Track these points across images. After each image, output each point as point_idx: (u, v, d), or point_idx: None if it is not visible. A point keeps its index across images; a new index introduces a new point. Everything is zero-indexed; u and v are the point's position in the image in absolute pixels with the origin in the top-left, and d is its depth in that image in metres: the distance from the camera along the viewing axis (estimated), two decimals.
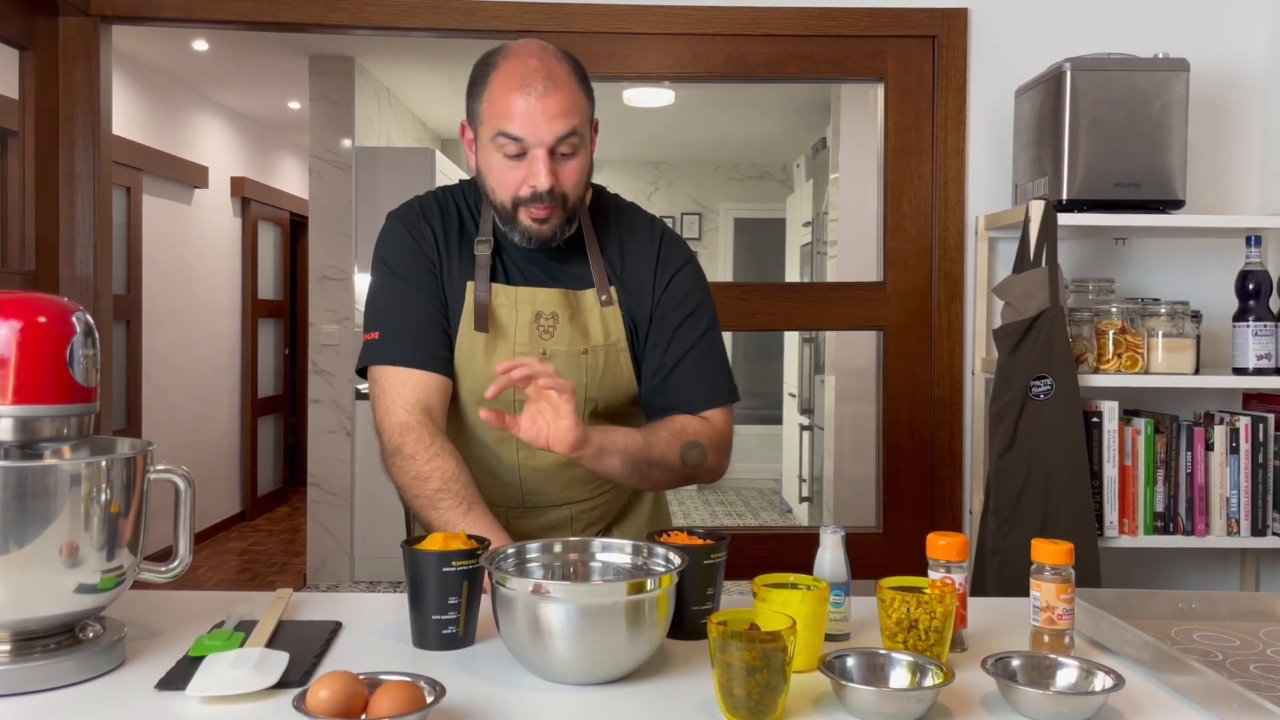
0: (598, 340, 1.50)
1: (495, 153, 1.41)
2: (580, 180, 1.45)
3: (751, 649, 0.96)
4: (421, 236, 1.51)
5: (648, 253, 1.55)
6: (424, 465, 1.40)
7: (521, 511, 1.54)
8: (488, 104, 1.41)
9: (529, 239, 1.45)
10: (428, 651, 1.18)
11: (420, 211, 1.54)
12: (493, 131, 1.40)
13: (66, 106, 2.63)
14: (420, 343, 1.46)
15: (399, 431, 1.43)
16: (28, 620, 1.04)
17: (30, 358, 1.05)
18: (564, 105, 1.38)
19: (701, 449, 1.48)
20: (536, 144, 1.38)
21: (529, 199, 1.41)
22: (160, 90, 5.38)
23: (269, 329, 6.88)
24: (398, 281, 1.49)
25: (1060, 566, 1.14)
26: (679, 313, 1.53)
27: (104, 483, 1.06)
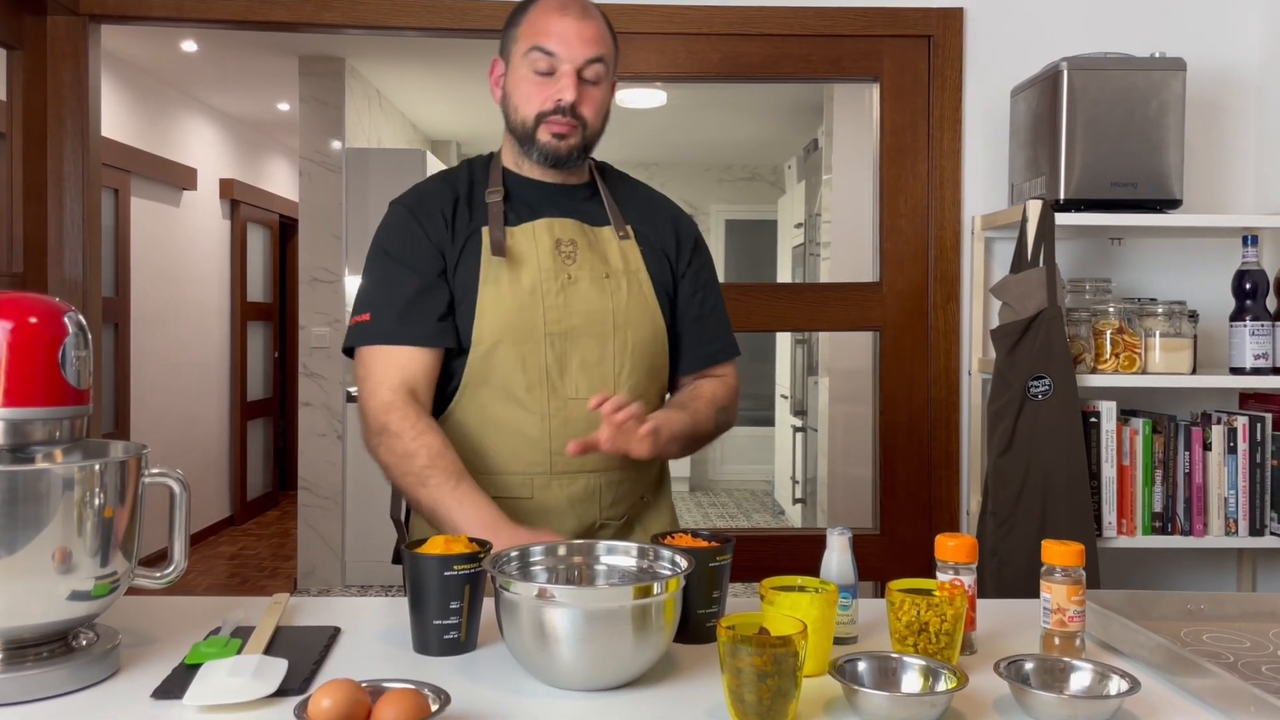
0: (619, 267, 1.55)
1: (526, 70, 1.49)
2: (599, 110, 1.52)
3: (762, 654, 0.94)
4: (426, 214, 1.53)
5: (664, 213, 1.66)
6: (410, 443, 1.42)
7: (549, 479, 1.50)
8: (525, 26, 1.51)
9: (546, 156, 1.51)
10: (429, 657, 1.15)
11: (426, 191, 1.58)
12: (527, 47, 1.49)
13: (55, 107, 2.60)
14: (409, 318, 1.48)
15: (384, 410, 1.46)
16: (20, 628, 1.02)
17: (21, 359, 1.03)
18: (597, 34, 1.50)
19: (726, 411, 1.62)
20: (568, 59, 1.47)
21: (552, 111, 1.48)
22: (148, 91, 5.34)
23: (258, 332, 6.84)
24: (391, 263, 1.52)
25: (1071, 568, 1.13)
26: (702, 276, 1.66)
27: (97, 487, 1.04)
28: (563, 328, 1.49)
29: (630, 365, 1.53)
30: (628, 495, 1.57)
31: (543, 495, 1.50)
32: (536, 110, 1.49)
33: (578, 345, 1.50)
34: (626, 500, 1.57)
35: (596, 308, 1.51)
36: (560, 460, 1.49)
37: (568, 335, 1.49)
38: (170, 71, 5.30)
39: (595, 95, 1.51)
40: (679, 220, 1.68)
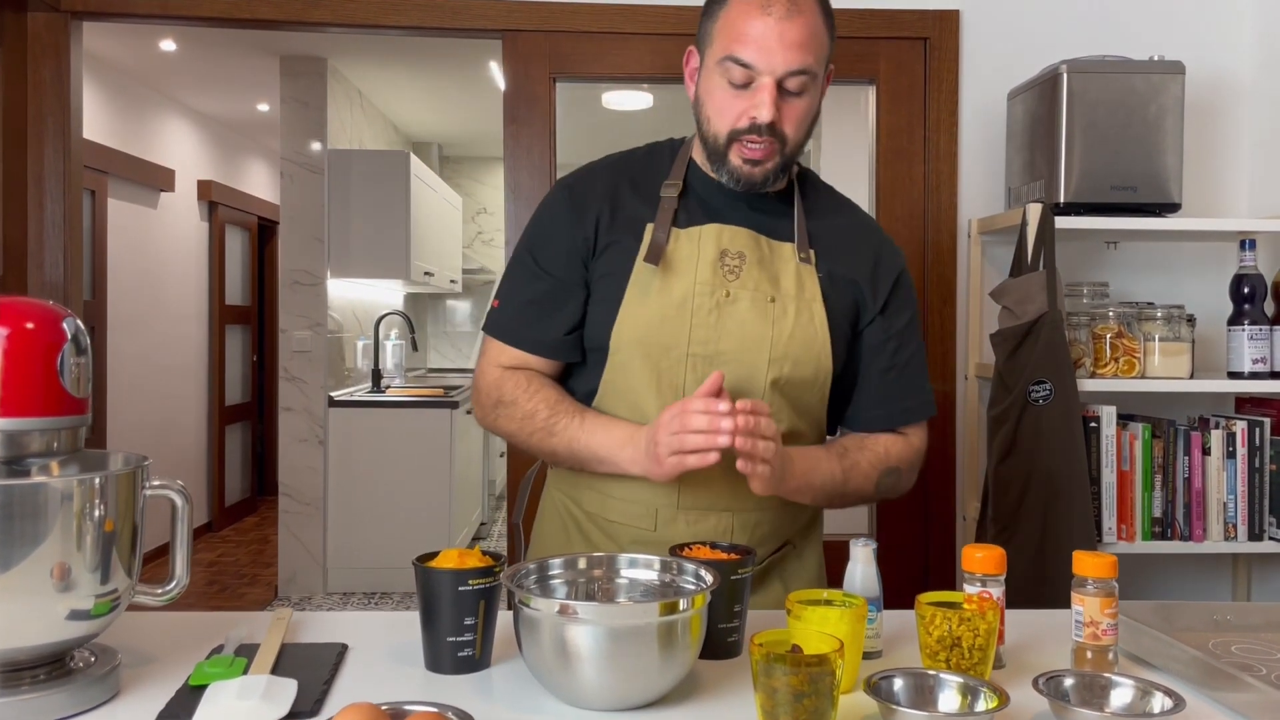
0: (789, 291, 1.37)
1: (720, 78, 1.31)
2: (803, 124, 1.34)
3: (798, 673, 0.90)
4: (582, 204, 1.41)
5: (866, 241, 1.45)
6: (526, 404, 1.38)
7: (675, 513, 1.37)
8: (723, 22, 1.31)
9: (737, 181, 1.35)
10: (442, 675, 1.11)
11: (594, 173, 1.45)
12: (721, 54, 1.30)
13: (35, 106, 2.53)
14: (531, 323, 1.41)
15: (495, 385, 1.42)
16: (16, 650, 0.97)
17: (18, 367, 0.98)
18: (803, 35, 1.28)
19: (897, 474, 1.43)
20: (767, 71, 1.28)
21: (746, 130, 1.31)
22: (126, 91, 5.25)
23: (236, 335, 6.75)
24: (528, 256, 1.43)
25: (1104, 580, 1.10)
26: (900, 319, 1.45)
27: (97, 501, 0.99)
28: (709, 350, 1.34)
29: (780, 403, 1.37)
30: (768, 539, 1.42)
31: (666, 529, 1.38)
32: (729, 127, 1.32)
33: (725, 371, 1.31)
34: (767, 544, 1.42)
35: (752, 333, 1.34)
36: (689, 495, 1.37)
37: (714, 359, 1.34)
38: (148, 71, 5.22)
39: (798, 108, 1.32)
40: (883, 252, 1.45)
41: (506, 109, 2.72)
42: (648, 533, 1.38)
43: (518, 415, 1.39)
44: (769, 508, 1.40)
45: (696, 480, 1.35)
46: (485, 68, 5.09)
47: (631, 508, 1.39)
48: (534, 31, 2.68)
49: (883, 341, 1.43)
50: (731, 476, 1.30)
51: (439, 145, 7.14)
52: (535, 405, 1.38)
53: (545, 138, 2.71)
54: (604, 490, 1.41)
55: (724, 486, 1.36)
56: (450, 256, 6.45)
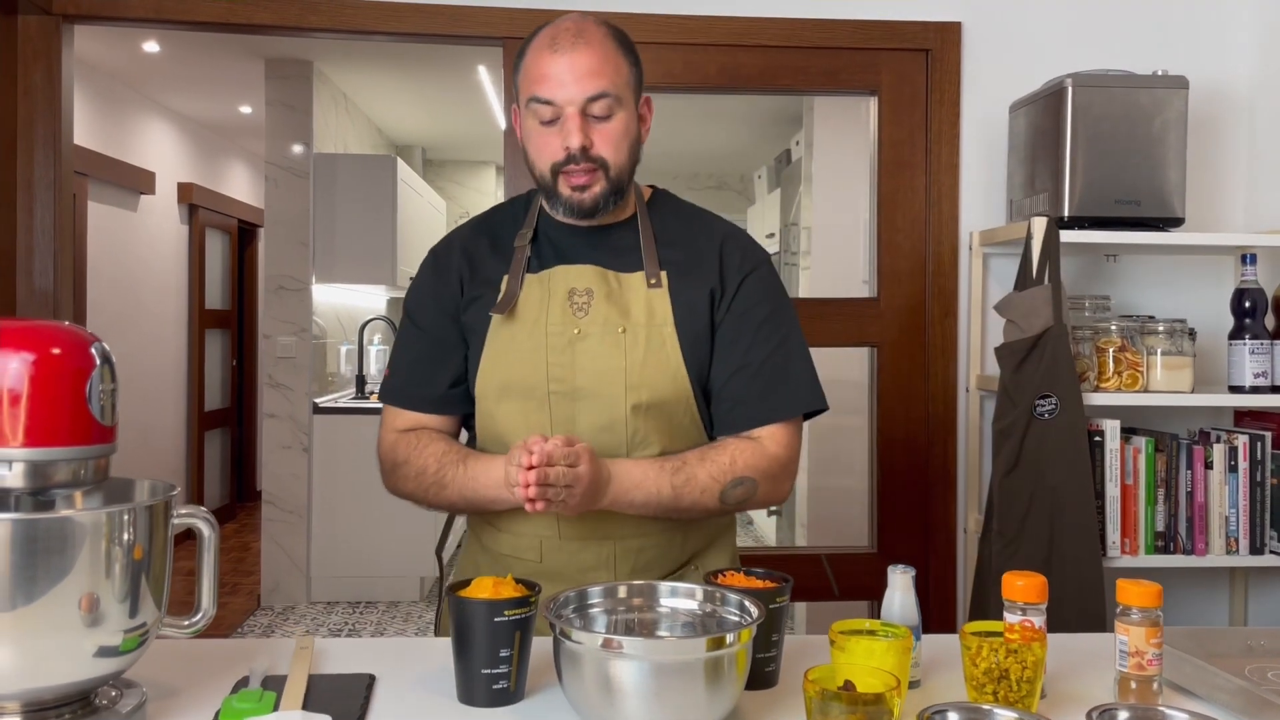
0: (639, 319, 1.40)
1: (533, 121, 1.38)
2: (620, 144, 1.38)
3: (855, 711, 0.89)
4: (445, 268, 1.48)
5: (712, 246, 1.48)
6: (417, 460, 1.42)
7: (558, 543, 1.42)
8: (523, 73, 1.39)
9: (572, 210, 1.40)
10: (476, 709, 1.08)
11: (453, 237, 1.53)
12: (527, 97, 1.37)
13: (25, 110, 2.47)
14: (417, 383, 1.47)
15: (391, 448, 1.46)
16: (41, 690, 0.94)
17: (44, 394, 0.94)
18: (593, 63, 1.34)
19: (749, 484, 1.38)
20: (566, 102, 1.34)
21: (564, 162, 1.36)
22: (106, 92, 5.17)
23: (216, 340, 6.67)
24: (408, 321, 1.51)
25: (1149, 609, 1.09)
26: (753, 316, 1.44)
27: (127, 533, 0.96)
28: (566, 387, 1.38)
29: (646, 429, 1.39)
30: (657, 562, 1.44)
31: (551, 559, 1.42)
32: (550, 162, 1.38)
33: (586, 406, 1.38)
34: (656, 568, 1.44)
35: (605, 366, 1.38)
36: (568, 526, 1.40)
37: (574, 395, 1.38)
38: (129, 72, 5.14)
39: (609, 130, 1.36)
40: (729, 253, 1.47)
41: (507, 117, 2.69)
42: (535, 564, 1.43)
43: (411, 474, 1.42)
44: (649, 533, 1.42)
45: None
46: (472, 72, 5.05)
47: (519, 540, 1.44)
48: None
49: (732, 340, 1.43)
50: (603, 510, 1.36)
51: (422, 149, 7.08)
52: (425, 461, 1.41)
53: None
54: (495, 524, 1.48)
55: (598, 517, 1.38)
56: None
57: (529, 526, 1.43)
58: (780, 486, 1.44)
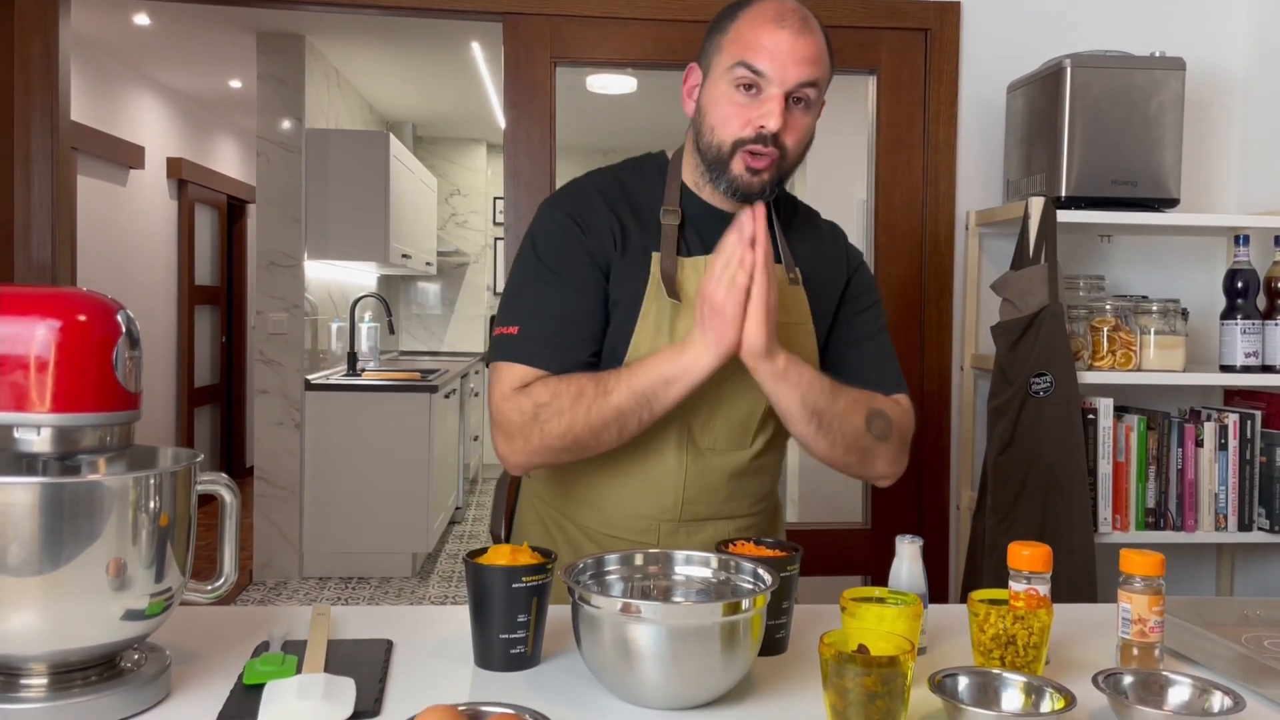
0: (784, 317, 1.37)
1: (728, 86, 1.32)
2: (803, 141, 1.35)
3: (870, 674, 0.91)
4: (590, 226, 1.38)
5: (833, 246, 1.50)
6: (569, 389, 1.30)
7: (676, 526, 1.41)
8: (734, 34, 1.32)
9: (735, 191, 1.34)
10: (493, 672, 1.10)
11: (590, 192, 1.42)
12: (733, 60, 1.31)
13: (23, 83, 2.46)
14: (561, 344, 1.35)
15: (524, 398, 1.32)
16: (68, 651, 0.95)
17: (71, 361, 0.95)
18: (813, 52, 1.31)
19: (886, 420, 1.37)
20: (778, 82, 1.29)
21: (752, 139, 1.31)
22: (95, 65, 5.12)
23: (205, 316, 6.65)
24: (547, 274, 1.37)
25: (1152, 578, 1.12)
26: (862, 302, 1.49)
27: (153, 499, 0.97)
28: (714, 377, 1.32)
29: (777, 426, 1.40)
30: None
31: (667, 541, 1.41)
32: (735, 136, 1.32)
33: (725, 396, 1.37)
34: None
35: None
36: (690, 508, 1.40)
37: (720, 384, 1.35)
38: (120, 46, 5.10)
39: (802, 122, 1.33)
40: (849, 255, 1.51)
41: (507, 93, 2.69)
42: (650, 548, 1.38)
43: (566, 403, 1.29)
44: (754, 514, 1.46)
45: (699, 492, 1.40)
46: (465, 48, 5.03)
47: (636, 523, 1.41)
48: (535, 15, 2.65)
49: (849, 318, 1.47)
50: (730, 486, 1.41)
51: (413, 125, 7.05)
52: (580, 383, 1.30)
53: (546, 122, 2.68)
54: (605, 507, 1.42)
55: (725, 497, 1.42)
56: (425, 239, 6.39)
57: (648, 509, 1.40)
58: (905, 451, 1.45)
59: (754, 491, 1.46)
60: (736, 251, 1.23)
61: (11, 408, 0.93)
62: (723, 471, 1.41)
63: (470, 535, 5.96)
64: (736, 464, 1.41)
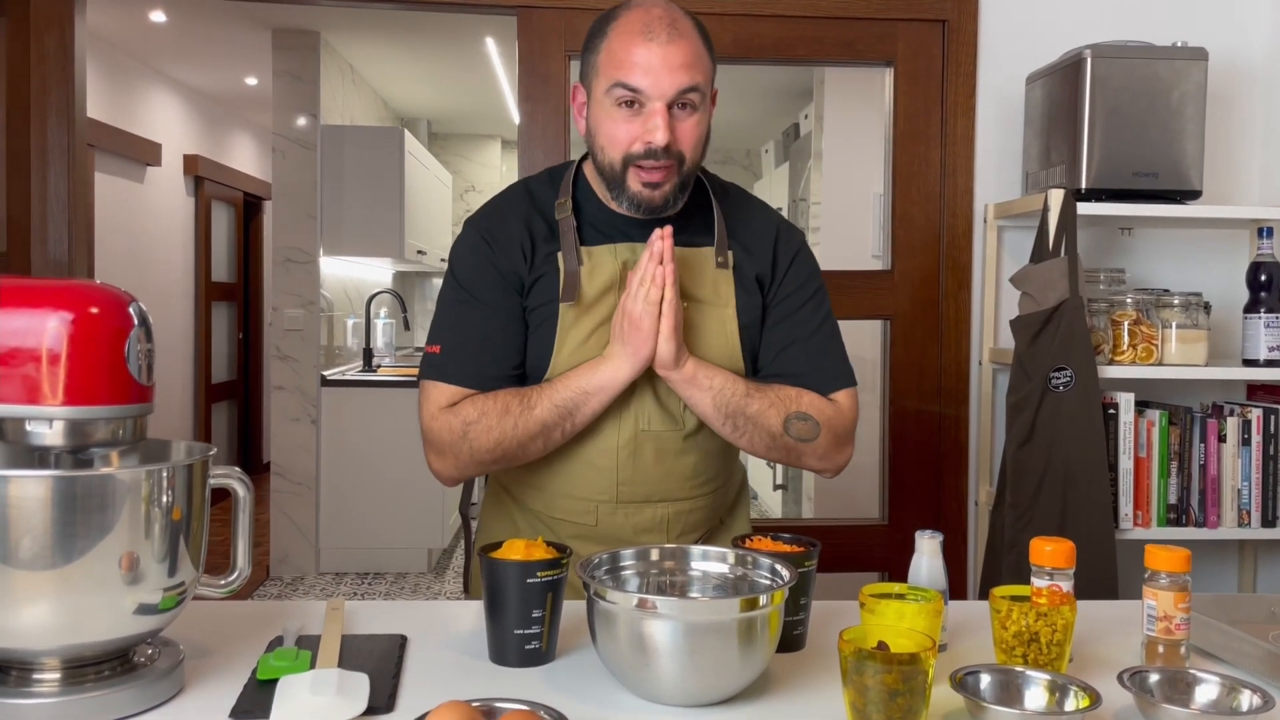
0: (706, 295, 1.39)
1: (610, 107, 1.32)
2: (698, 142, 1.35)
3: (890, 671, 0.89)
4: (501, 238, 1.40)
5: (764, 227, 1.47)
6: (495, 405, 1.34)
7: (614, 507, 1.41)
8: (605, 54, 1.32)
9: (638, 206, 1.35)
10: (508, 668, 1.09)
11: (502, 208, 1.44)
12: (609, 83, 1.31)
13: (39, 78, 2.46)
14: (481, 362, 1.37)
15: (452, 417, 1.35)
16: (81, 646, 0.94)
17: (83, 353, 0.94)
18: (687, 57, 1.29)
19: (812, 424, 1.37)
20: (656, 96, 1.29)
21: (642, 155, 1.31)
22: (113, 63, 5.14)
23: (222, 312, 6.67)
24: (463, 294, 1.40)
25: (1178, 574, 1.10)
26: (803, 293, 1.46)
27: (166, 492, 0.96)
28: None
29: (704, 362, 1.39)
30: (701, 524, 1.48)
31: (607, 523, 1.42)
32: (624, 152, 1.32)
33: (651, 377, 1.36)
34: (699, 529, 1.48)
35: None
36: (627, 490, 1.41)
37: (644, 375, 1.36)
38: (136, 43, 5.11)
39: (690, 126, 1.32)
40: (781, 235, 1.48)
41: (521, 87, 2.67)
42: (591, 528, 1.42)
43: (493, 420, 1.33)
44: (699, 494, 1.45)
45: (633, 473, 1.40)
46: (479, 43, 5.02)
47: (576, 504, 1.42)
48: (549, 8, 2.63)
49: (785, 315, 1.44)
50: (664, 467, 1.41)
51: (428, 121, 7.06)
52: (505, 400, 1.34)
53: (560, 115, 2.67)
54: (549, 490, 1.44)
55: (659, 477, 1.41)
56: (440, 235, 6.39)
57: (586, 491, 1.41)
58: (841, 447, 1.43)
59: (696, 472, 1.43)
60: (650, 268, 1.29)
61: (24, 400, 0.93)
62: (656, 451, 1.40)
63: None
64: (669, 444, 1.40)
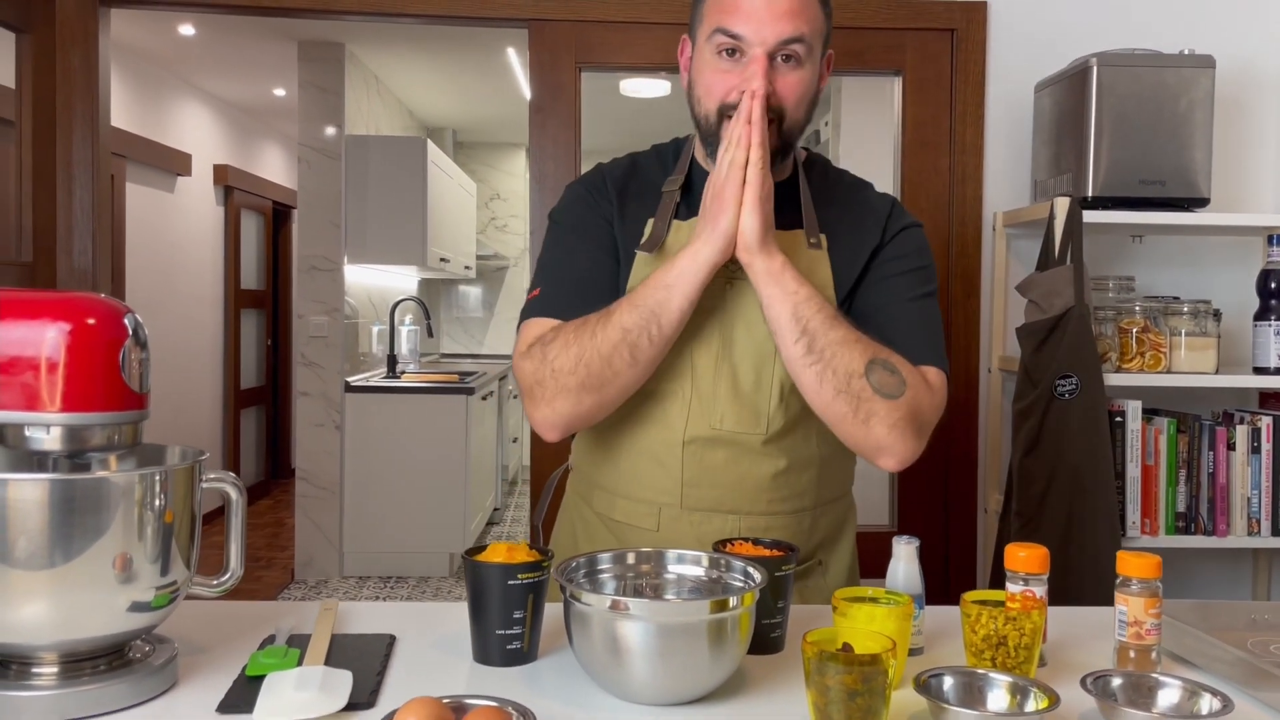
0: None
1: (711, 54, 1.28)
2: (802, 98, 1.28)
3: (851, 671, 0.91)
4: (598, 192, 1.39)
5: (873, 215, 1.37)
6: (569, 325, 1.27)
7: (678, 513, 1.33)
8: (710, 1, 1.29)
9: None
10: (490, 668, 1.13)
11: (603, 172, 1.43)
12: (712, 27, 1.27)
13: (64, 93, 2.54)
14: (581, 295, 1.31)
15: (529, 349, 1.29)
16: (77, 641, 0.98)
17: (80, 362, 0.99)
18: (794, 5, 1.24)
19: (899, 379, 1.22)
20: (757, 42, 1.24)
21: (738, 105, 1.25)
22: (144, 75, 5.25)
23: (251, 319, 6.77)
24: (564, 236, 1.38)
25: (1149, 580, 1.11)
26: (898, 265, 1.35)
27: (157, 494, 1.00)
28: (718, 339, 1.30)
29: (791, 401, 1.30)
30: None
31: (669, 529, 1.34)
32: (719, 101, 1.28)
33: (732, 367, 1.30)
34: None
35: (760, 325, 1.28)
36: (693, 495, 1.32)
37: (721, 353, 1.30)
38: (166, 56, 5.22)
39: (794, 80, 1.26)
40: (892, 218, 1.38)
41: (532, 98, 2.72)
42: (651, 534, 1.35)
43: (571, 335, 1.26)
44: (778, 513, 1.34)
45: (699, 474, 1.32)
46: (502, 54, 5.08)
47: (637, 507, 1.36)
48: (560, 21, 2.68)
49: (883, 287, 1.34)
50: (735, 472, 1.31)
51: (453, 131, 7.13)
52: (585, 318, 1.27)
53: (571, 127, 2.71)
54: (612, 489, 1.39)
55: (729, 485, 1.32)
56: (465, 242, 6.46)
57: (650, 493, 1.34)
58: (918, 431, 1.25)
59: (777, 485, 1.33)
60: (736, 131, 1.22)
61: (23, 407, 0.97)
62: (730, 453, 1.31)
63: (508, 536, 6.00)
64: (747, 447, 1.31)
